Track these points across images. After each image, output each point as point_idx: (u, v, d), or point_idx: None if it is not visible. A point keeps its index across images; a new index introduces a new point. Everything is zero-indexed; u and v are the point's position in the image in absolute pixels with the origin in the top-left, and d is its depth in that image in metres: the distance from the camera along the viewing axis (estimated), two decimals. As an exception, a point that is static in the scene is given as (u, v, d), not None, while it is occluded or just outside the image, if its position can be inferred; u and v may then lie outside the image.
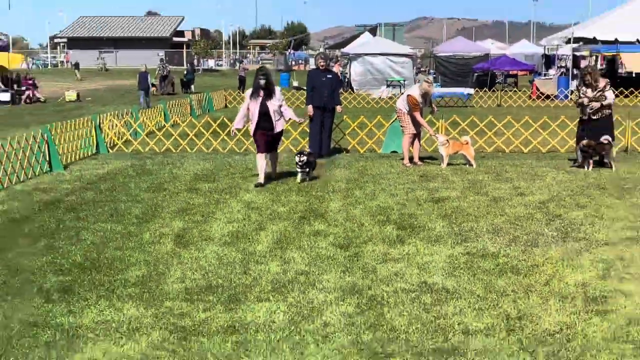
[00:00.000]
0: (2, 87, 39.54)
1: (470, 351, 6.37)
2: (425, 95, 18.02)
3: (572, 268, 8.93)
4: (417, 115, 17.22)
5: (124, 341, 6.67)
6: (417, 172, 16.47)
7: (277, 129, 12.12)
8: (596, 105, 16.06)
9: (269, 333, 6.81)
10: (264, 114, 12.42)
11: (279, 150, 14.83)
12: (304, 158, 13.19)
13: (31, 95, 40.64)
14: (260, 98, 12.81)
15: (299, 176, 13.02)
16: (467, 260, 9.38)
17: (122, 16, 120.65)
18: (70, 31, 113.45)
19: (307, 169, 12.38)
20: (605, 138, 15.93)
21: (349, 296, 7.90)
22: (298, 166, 13.29)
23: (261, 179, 12.95)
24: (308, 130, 18.37)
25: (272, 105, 12.47)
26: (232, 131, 13.14)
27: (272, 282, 8.51)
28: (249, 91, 13.18)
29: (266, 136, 12.73)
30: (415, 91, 17.49)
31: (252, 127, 13.20)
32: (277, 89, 11.59)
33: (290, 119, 12.27)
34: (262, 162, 12.84)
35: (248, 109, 13.57)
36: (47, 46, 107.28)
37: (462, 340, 6.61)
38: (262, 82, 12.58)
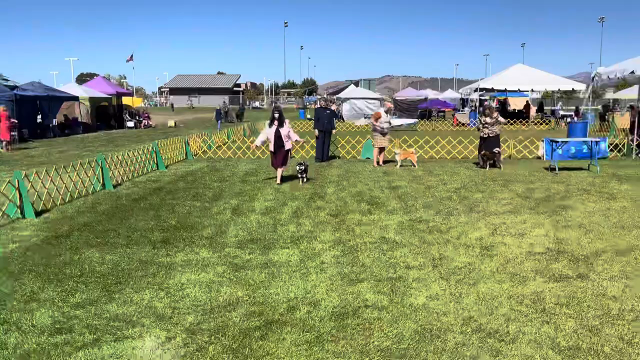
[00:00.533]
0: (129, 118, 40.48)
1: (410, 278, 6.89)
2: (389, 111, 19.17)
3: (474, 229, 9.37)
4: (378, 133, 18.06)
5: (199, 272, 7.15)
6: (381, 171, 17.01)
7: (286, 147, 12.45)
8: (492, 128, 16.27)
9: (287, 267, 7.37)
10: (278, 137, 12.56)
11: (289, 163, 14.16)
12: (302, 167, 13.08)
13: (146, 123, 42.04)
14: (275, 126, 12.80)
15: (301, 180, 12.99)
16: (410, 224, 9.77)
17: (202, 74, 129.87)
18: (171, 84, 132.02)
19: (304, 173, 12.78)
20: (496, 149, 16.49)
21: (337, 245, 8.39)
22: (298, 173, 13.14)
23: (278, 181, 13.09)
24: (315, 145, 18.45)
25: (282, 131, 12.64)
26: (252, 146, 13.35)
27: (290, 237, 8.91)
28: (267, 121, 13.20)
29: (279, 154, 12.69)
30: (381, 109, 18.91)
31: (270, 146, 13.08)
32: (287, 120, 12.09)
33: (295, 140, 12.39)
34: (278, 171, 13.07)
35: (267, 133, 13.22)
36: (156, 93, 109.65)
37: (405, 272, 7.13)
38: (276, 115, 12.82)
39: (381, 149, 18.25)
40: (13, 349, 4.89)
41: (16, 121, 26.55)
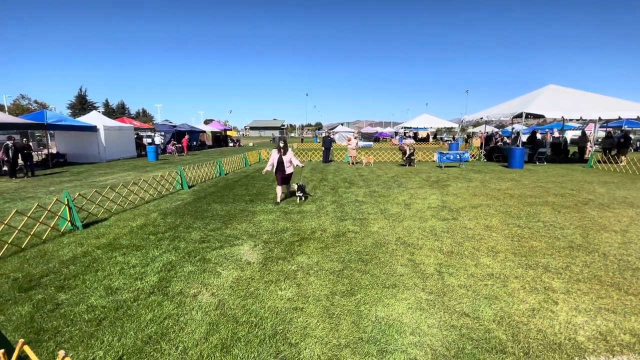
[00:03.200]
0: (230, 141, 40.01)
1: (369, 218, 6.82)
2: (357, 138, 18.65)
3: (401, 195, 9.05)
4: (350, 148, 17.42)
5: (268, 214, 7.04)
6: (355, 168, 16.22)
7: (288, 171, 8.03)
8: (409, 147, 16.08)
9: (310, 213, 7.34)
10: (281, 162, 8.00)
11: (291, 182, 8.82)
12: (299, 188, 8.21)
13: (238, 144, 41.00)
14: (280, 153, 8.06)
15: (298, 199, 8.21)
16: (369, 193, 9.37)
17: (265, 119, 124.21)
18: (250, 124, 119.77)
19: (301, 193, 8.16)
20: (412, 156, 15.93)
21: (334, 203, 8.19)
22: (296, 194, 8.23)
23: (278, 199, 8.10)
24: (322, 155, 18.35)
25: (286, 157, 8.01)
26: (264, 171, 8.04)
27: (311, 199, 8.47)
28: (275, 149, 8.24)
29: (282, 175, 8.06)
30: (351, 136, 18.02)
31: (274, 170, 8.18)
32: (290, 149, 8.23)
33: (297, 165, 8.14)
34: (279, 190, 8.07)
35: (273, 159, 8.21)
36: (243, 128, 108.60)
37: (367, 215, 6.98)
38: (281, 144, 7.95)
39: (352, 157, 18.24)
40: (183, 249, 5.12)
41: (179, 144, 26.92)
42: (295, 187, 8.41)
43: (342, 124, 77.46)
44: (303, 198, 8.36)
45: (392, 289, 3.82)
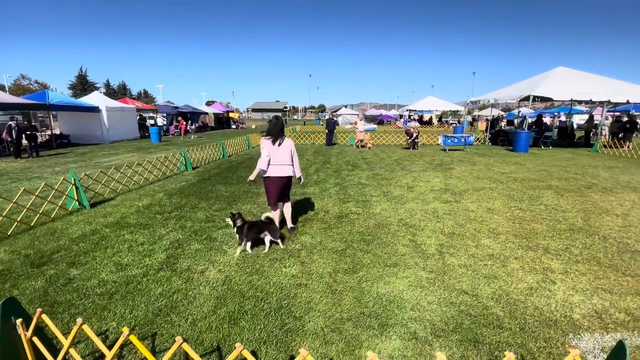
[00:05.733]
0: (232, 123, 39.62)
1: (372, 200, 6.87)
2: (362, 120, 18.44)
3: (404, 178, 9.07)
4: (358, 131, 17.24)
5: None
6: (358, 151, 16.21)
7: (284, 174, 3.92)
8: (414, 130, 15.95)
9: (314, 195, 7.45)
10: (275, 158, 4.08)
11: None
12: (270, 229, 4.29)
13: (241, 127, 40.65)
14: (273, 143, 4.00)
15: (267, 248, 4.13)
16: (372, 176, 9.41)
17: (268, 101, 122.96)
18: (253, 105, 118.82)
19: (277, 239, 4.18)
20: (417, 139, 15.84)
21: (337, 185, 8.24)
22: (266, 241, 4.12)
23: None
24: (325, 138, 18.28)
25: (282, 149, 3.97)
26: (251, 177, 5.78)
27: (314, 181, 8.57)
28: (264, 137, 4.19)
29: (277, 183, 4.09)
30: (358, 118, 17.60)
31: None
32: (288, 138, 4.22)
33: (296, 175, 4.48)
34: (276, 216, 4.33)
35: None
36: (245, 110, 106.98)
37: (370, 197, 7.14)
38: (275, 127, 4.04)
39: (359, 140, 18.21)
40: (189, 228, 5.22)
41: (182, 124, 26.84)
42: (263, 217, 4.25)
43: (346, 107, 76.73)
44: (280, 243, 4.34)
45: (393, 267, 3.92)
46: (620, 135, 17.31)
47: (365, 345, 2.64)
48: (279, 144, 4.42)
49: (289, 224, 4.80)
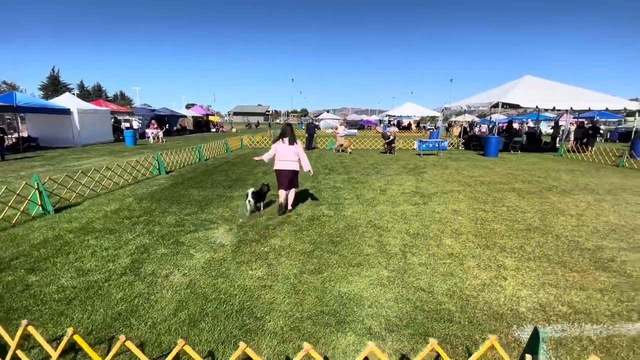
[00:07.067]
0: (212, 127, 39.05)
1: (345, 203, 6.86)
2: (342, 125, 19.01)
3: (377, 181, 9.28)
4: (339, 136, 17.22)
5: (245, 200, 6.81)
6: (337, 154, 16.47)
7: (290, 167, 5.14)
8: (390, 135, 16.25)
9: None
10: (284, 153, 5.66)
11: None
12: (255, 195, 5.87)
13: (220, 130, 40.12)
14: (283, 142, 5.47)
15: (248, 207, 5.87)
16: (347, 179, 9.56)
17: (250, 105, 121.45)
18: (234, 109, 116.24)
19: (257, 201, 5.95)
20: (393, 144, 16.19)
21: (312, 188, 8.34)
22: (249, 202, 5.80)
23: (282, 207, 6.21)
24: (305, 141, 18.35)
25: (292, 148, 5.49)
26: (258, 158, 7.02)
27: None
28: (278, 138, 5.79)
29: (284, 173, 5.55)
30: (338, 123, 17.80)
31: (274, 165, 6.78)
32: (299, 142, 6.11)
33: (306, 169, 5.41)
34: (282, 196, 5.77)
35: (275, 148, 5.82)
36: (226, 114, 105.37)
37: (343, 200, 7.23)
38: (287, 130, 5.27)
39: (340, 144, 18.41)
40: (157, 233, 5.17)
41: (158, 128, 26.19)
42: (250, 192, 5.77)
43: (328, 111, 77.31)
44: (249, 210, 5.81)
45: (357, 267, 4.04)
46: (584, 140, 18.34)
47: (321, 342, 2.73)
48: (289, 143, 5.77)
49: (289, 206, 6.13)
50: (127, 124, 28.36)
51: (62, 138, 18.73)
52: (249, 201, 5.84)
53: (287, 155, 5.81)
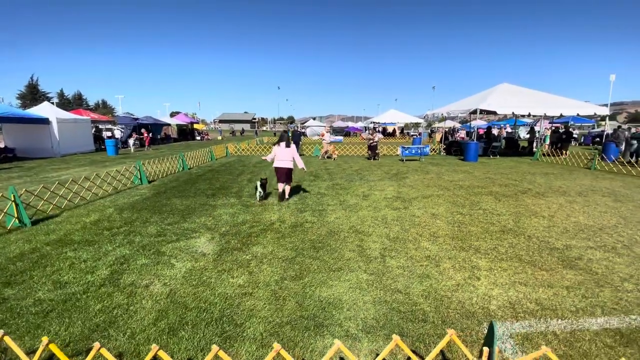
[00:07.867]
0: (197, 135, 38.62)
1: (328, 209, 6.97)
2: (328, 132, 18.49)
3: (361, 187, 9.35)
4: (325, 143, 17.21)
5: (228, 208, 7.13)
6: (322, 161, 16.64)
7: (284, 165, 7.01)
8: (374, 140, 16.51)
9: (272, 206, 7.47)
10: (280, 154, 7.11)
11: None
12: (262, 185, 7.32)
13: (206, 138, 39.72)
14: (280, 146, 6.98)
15: (258, 197, 7.42)
16: (332, 185, 9.59)
17: (236, 112, 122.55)
18: (220, 117, 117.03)
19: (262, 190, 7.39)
20: (376, 150, 16.44)
21: (295, 195, 8.33)
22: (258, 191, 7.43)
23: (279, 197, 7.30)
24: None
25: (288, 151, 7.09)
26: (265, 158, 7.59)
27: (274, 193, 8.58)
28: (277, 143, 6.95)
29: (280, 170, 7.13)
30: (324, 130, 17.94)
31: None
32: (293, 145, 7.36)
33: (299, 166, 7.16)
34: (280, 187, 7.29)
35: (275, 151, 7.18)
36: (212, 122, 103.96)
37: (326, 207, 7.26)
38: (284, 136, 6.96)
39: (325, 151, 18.54)
40: (138, 243, 5.14)
41: (141, 136, 25.84)
42: (258, 183, 7.53)
43: (315, 118, 77.82)
44: (259, 197, 7.39)
45: (337, 272, 4.13)
46: (558, 145, 19.11)
47: (299, 345, 2.80)
48: (286, 146, 7.25)
49: (286, 195, 7.52)
50: (109, 133, 27.81)
51: (40, 148, 18.23)
52: (260, 192, 7.46)
53: (284, 156, 7.27)
